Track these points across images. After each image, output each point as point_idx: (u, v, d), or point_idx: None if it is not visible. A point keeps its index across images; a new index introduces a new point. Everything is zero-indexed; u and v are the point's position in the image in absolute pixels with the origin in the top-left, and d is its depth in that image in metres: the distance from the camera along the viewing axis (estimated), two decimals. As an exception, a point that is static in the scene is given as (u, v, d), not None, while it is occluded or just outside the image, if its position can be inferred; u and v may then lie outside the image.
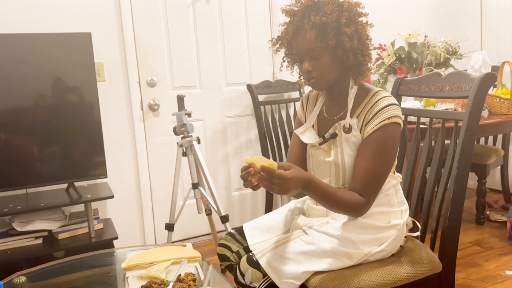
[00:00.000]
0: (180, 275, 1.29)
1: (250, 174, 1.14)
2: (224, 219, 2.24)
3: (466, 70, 1.50)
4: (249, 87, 2.92)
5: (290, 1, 1.34)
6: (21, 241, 2.17)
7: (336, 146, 1.34)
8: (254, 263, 1.30)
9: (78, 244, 2.19)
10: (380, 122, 1.26)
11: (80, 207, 2.40)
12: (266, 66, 3.11)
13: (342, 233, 1.29)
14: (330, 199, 1.23)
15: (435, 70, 1.65)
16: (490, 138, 3.31)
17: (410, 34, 2.85)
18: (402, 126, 1.31)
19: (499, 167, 3.17)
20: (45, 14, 2.42)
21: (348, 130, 1.32)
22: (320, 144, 1.38)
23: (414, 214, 1.56)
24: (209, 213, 2.44)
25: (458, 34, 3.46)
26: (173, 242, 2.61)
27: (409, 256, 1.36)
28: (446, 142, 1.55)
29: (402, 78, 1.69)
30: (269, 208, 3.03)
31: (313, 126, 1.45)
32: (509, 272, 2.27)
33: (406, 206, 1.41)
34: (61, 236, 2.24)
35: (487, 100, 2.60)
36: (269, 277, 1.27)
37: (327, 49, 1.26)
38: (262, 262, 1.28)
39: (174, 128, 2.25)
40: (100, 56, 2.53)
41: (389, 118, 1.26)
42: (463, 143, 1.33)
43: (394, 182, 1.37)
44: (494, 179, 3.52)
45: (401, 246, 1.39)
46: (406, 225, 1.42)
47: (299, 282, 1.26)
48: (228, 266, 1.49)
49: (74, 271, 1.57)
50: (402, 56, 2.87)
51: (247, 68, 3.05)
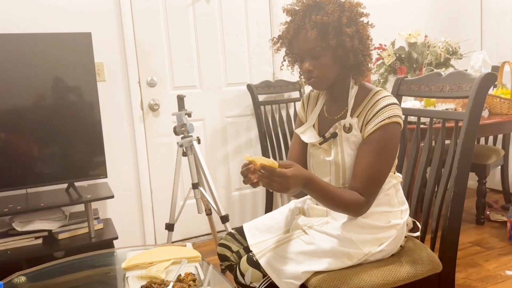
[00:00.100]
0: (180, 275, 1.29)
1: (250, 170, 1.14)
2: (224, 219, 2.24)
3: (466, 70, 1.50)
4: (249, 87, 2.92)
5: (291, 0, 1.34)
6: (21, 241, 2.17)
7: (336, 145, 1.34)
8: (254, 263, 1.30)
9: (78, 244, 2.19)
10: (380, 122, 1.26)
11: (80, 207, 2.39)
12: (266, 66, 3.11)
13: (342, 233, 1.29)
14: (330, 198, 1.23)
15: (435, 70, 1.65)
16: (490, 138, 3.31)
17: (410, 34, 2.85)
18: (402, 125, 1.31)
19: (499, 167, 3.17)
20: (45, 14, 2.42)
21: (348, 129, 1.32)
22: (320, 143, 1.38)
23: (414, 214, 1.56)
24: (209, 213, 2.44)
25: (458, 34, 3.46)
26: (173, 242, 2.61)
27: (409, 256, 1.36)
28: (446, 142, 1.55)
29: (402, 78, 1.69)
30: (269, 208, 3.03)
31: (313, 126, 1.45)
32: (509, 272, 2.27)
33: (406, 206, 1.41)
34: (61, 236, 2.24)
35: (487, 100, 2.60)
36: (269, 277, 1.27)
37: (328, 48, 1.26)
38: (262, 262, 1.28)
39: (174, 128, 2.25)
40: (100, 56, 2.53)
41: (389, 118, 1.26)
42: (463, 143, 1.33)
43: (394, 181, 1.36)
44: (494, 179, 3.52)
45: (401, 246, 1.39)
46: (407, 225, 1.42)
47: (299, 282, 1.26)
48: (228, 266, 1.49)
49: (74, 271, 1.57)
50: (402, 56, 2.87)
51: (247, 68, 3.05)
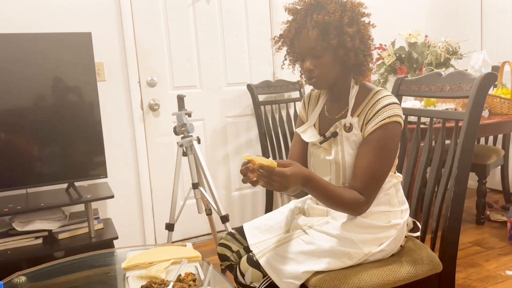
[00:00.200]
0: (180, 275, 1.29)
1: (249, 169, 1.14)
2: (224, 219, 2.24)
3: (466, 70, 1.50)
4: (249, 87, 2.92)
5: (291, 0, 1.34)
6: (21, 241, 2.17)
7: (336, 144, 1.34)
8: (254, 263, 1.30)
9: (78, 244, 2.19)
10: (381, 121, 1.26)
11: (80, 207, 2.40)
12: (266, 66, 3.11)
13: (342, 232, 1.29)
14: (329, 196, 1.23)
15: (436, 70, 1.65)
16: (491, 138, 3.31)
17: (410, 34, 2.85)
18: (402, 125, 1.31)
19: (499, 167, 3.17)
20: (45, 14, 2.42)
21: (349, 129, 1.32)
22: (321, 142, 1.38)
23: (415, 214, 1.56)
24: (209, 213, 2.44)
25: (458, 34, 3.45)
26: (173, 242, 2.61)
27: (409, 256, 1.36)
28: (447, 142, 1.55)
29: (402, 78, 1.69)
30: (269, 208, 3.03)
31: (314, 125, 1.45)
32: (509, 272, 2.27)
33: (406, 206, 1.41)
34: (61, 236, 2.24)
35: (488, 100, 2.60)
36: (269, 277, 1.27)
37: (329, 48, 1.26)
38: (262, 262, 1.28)
39: (174, 128, 2.25)
40: (100, 56, 2.53)
41: (389, 117, 1.26)
42: (464, 143, 1.33)
43: (394, 181, 1.36)
44: (494, 179, 3.52)
45: (401, 246, 1.39)
46: (407, 225, 1.42)
47: (299, 282, 1.26)
48: (228, 266, 1.49)
49: (74, 271, 1.57)
50: (403, 56, 2.87)
51: (247, 68, 3.05)
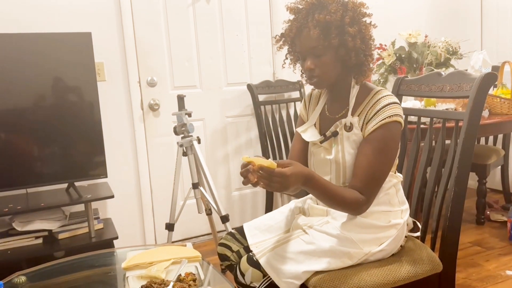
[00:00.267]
0: (180, 275, 1.29)
1: (249, 171, 1.14)
2: (224, 219, 2.24)
3: (466, 70, 1.50)
4: (249, 87, 2.92)
5: (290, 0, 1.34)
6: (21, 241, 2.17)
7: (337, 144, 1.34)
8: (254, 263, 1.30)
9: (78, 244, 2.19)
10: (381, 121, 1.26)
11: (80, 207, 2.40)
12: (266, 66, 3.11)
13: (342, 232, 1.29)
14: (330, 196, 1.23)
15: (436, 70, 1.65)
16: (491, 138, 3.31)
17: (410, 34, 2.85)
18: (403, 125, 1.31)
19: (500, 167, 3.17)
20: (45, 13, 2.42)
21: (349, 128, 1.32)
22: (321, 142, 1.38)
23: (415, 214, 1.56)
24: (209, 213, 2.44)
25: (458, 34, 3.45)
26: (173, 242, 2.61)
27: (409, 256, 1.36)
28: (447, 142, 1.55)
29: (402, 78, 1.69)
30: (269, 208, 3.03)
31: (315, 125, 1.45)
32: (509, 272, 2.27)
33: (406, 205, 1.41)
34: (61, 236, 2.24)
35: (488, 100, 2.60)
36: (269, 277, 1.27)
37: (330, 47, 1.26)
38: (262, 262, 1.28)
39: (174, 128, 2.25)
40: (100, 56, 2.53)
41: (390, 117, 1.26)
42: (464, 143, 1.33)
43: (394, 181, 1.36)
44: (494, 179, 3.52)
45: (401, 246, 1.39)
46: (407, 225, 1.42)
47: (299, 282, 1.26)
48: (228, 266, 1.49)
49: (74, 271, 1.57)
50: (403, 56, 2.87)
51: (247, 68, 3.05)
